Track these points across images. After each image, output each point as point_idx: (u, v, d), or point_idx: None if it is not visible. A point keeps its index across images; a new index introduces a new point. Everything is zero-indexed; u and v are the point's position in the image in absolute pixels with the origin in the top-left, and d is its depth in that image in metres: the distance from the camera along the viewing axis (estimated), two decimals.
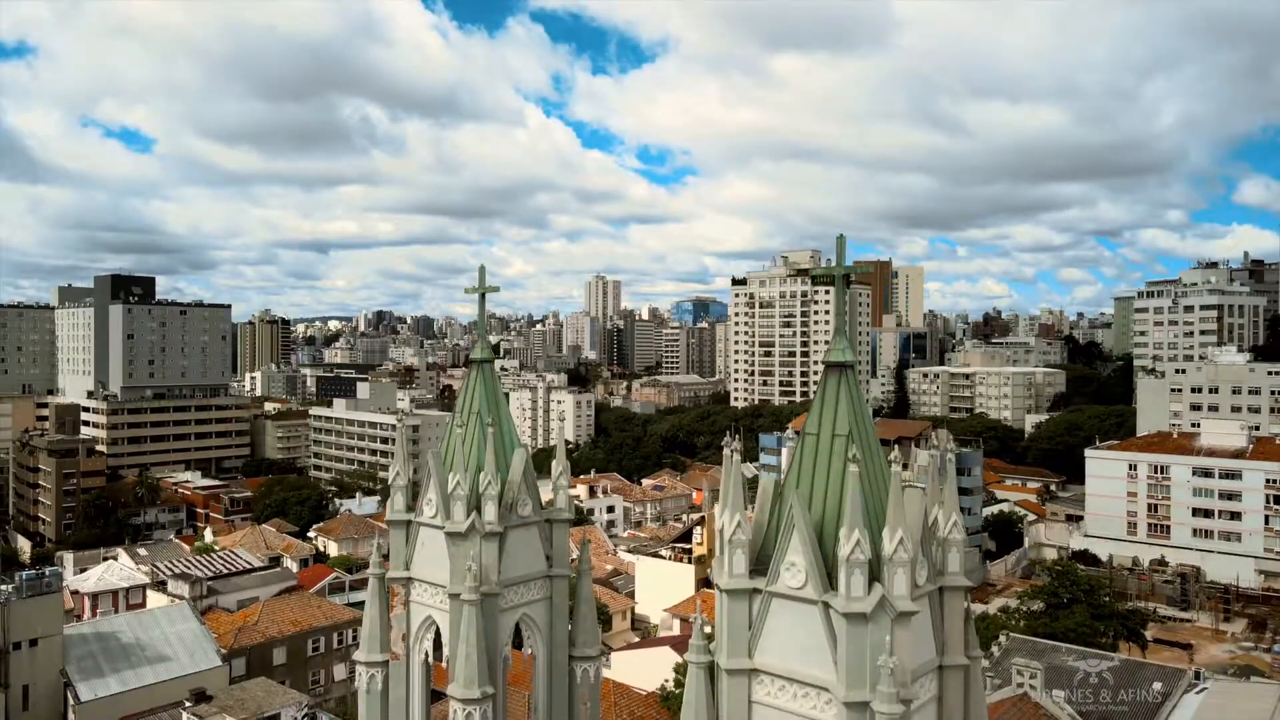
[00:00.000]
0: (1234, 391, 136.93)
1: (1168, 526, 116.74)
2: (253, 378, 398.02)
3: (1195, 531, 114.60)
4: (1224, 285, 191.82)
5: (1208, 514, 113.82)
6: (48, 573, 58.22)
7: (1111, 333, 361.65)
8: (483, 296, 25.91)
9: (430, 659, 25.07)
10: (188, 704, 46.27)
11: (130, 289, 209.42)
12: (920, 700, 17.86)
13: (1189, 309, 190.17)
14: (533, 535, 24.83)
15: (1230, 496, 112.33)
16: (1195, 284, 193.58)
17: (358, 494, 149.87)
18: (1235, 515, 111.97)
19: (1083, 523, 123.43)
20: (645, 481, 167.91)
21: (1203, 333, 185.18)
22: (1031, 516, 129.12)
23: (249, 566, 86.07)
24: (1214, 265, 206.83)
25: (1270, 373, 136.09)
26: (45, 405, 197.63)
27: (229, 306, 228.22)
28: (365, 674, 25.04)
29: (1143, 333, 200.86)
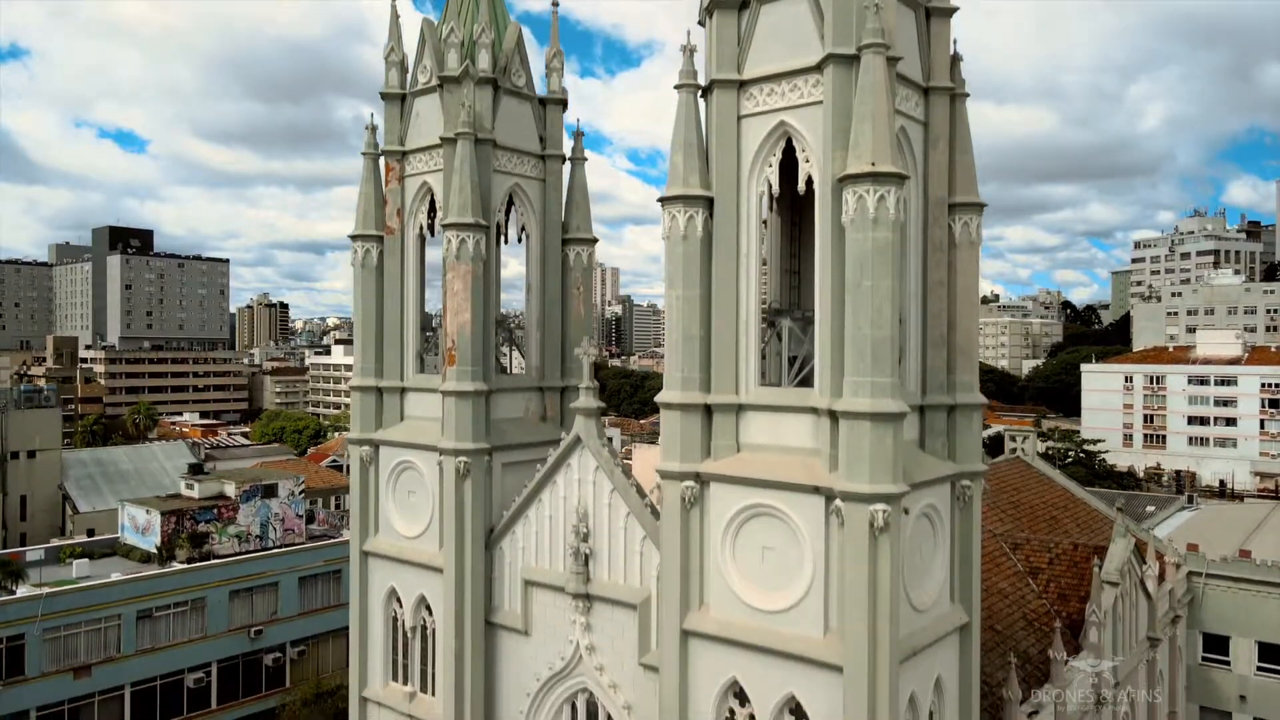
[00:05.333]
0: (1229, 312, 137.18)
1: (1164, 436, 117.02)
2: (251, 354, 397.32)
3: (1191, 440, 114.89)
4: (1220, 232, 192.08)
5: (1203, 421, 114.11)
6: (44, 388, 58.32)
7: (1110, 313, 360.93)
8: None
9: (425, 232, 25.32)
10: (184, 475, 46.37)
11: (128, 240, 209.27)
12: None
13: (1185, 255, 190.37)
14: (526, 110, 25.09)
15: (1226, 403, 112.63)
16: (1192, 231, 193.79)
17: None
18: (1230, 421, 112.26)
19: (1079, 436, 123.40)
20: (643, 421, 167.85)
21: (1199, 279, 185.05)
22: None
23: (247, 444, 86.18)
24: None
25: (1266, 292, 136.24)
26: (42, 360, 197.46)
27: (227, 261, 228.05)
28: (360, 249, 25.34)
29: (1139, 282, 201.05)
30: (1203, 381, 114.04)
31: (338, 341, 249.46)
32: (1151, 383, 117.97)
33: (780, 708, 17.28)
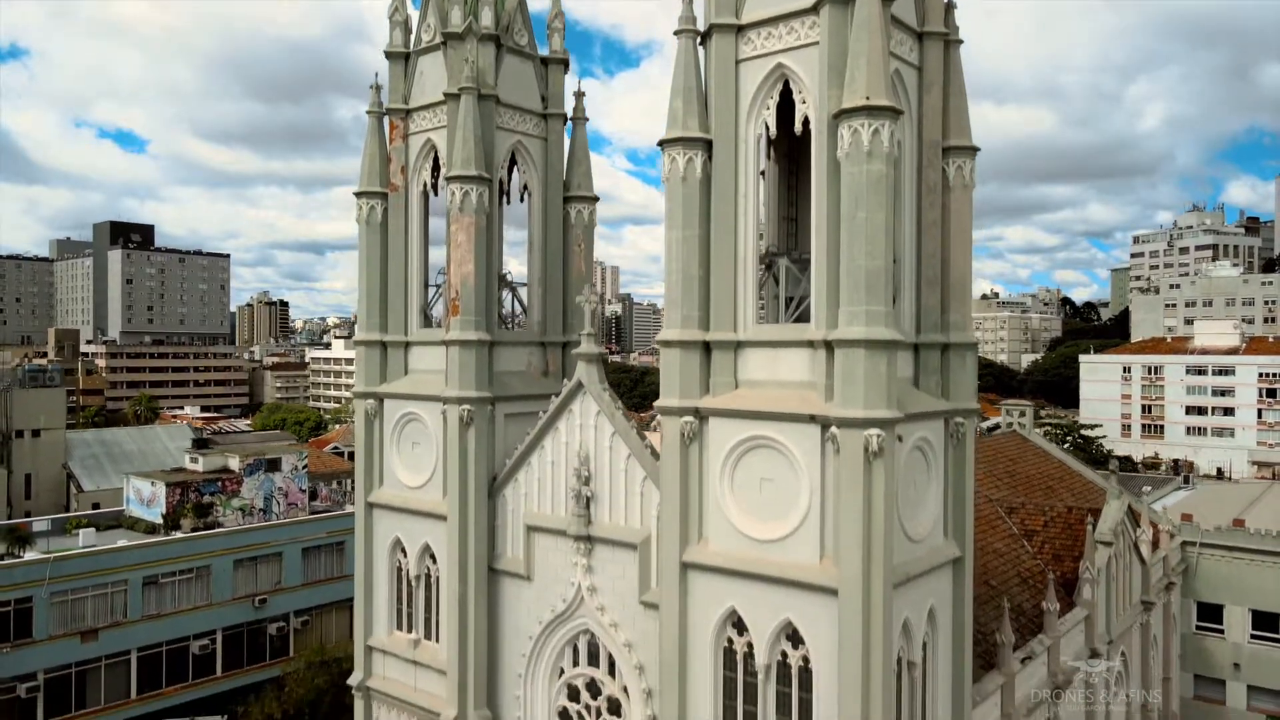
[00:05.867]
0: (1227, 304, 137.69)
1: (1162, 426, 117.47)
2: (251, 351, 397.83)
3: (1189, 430, 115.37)
4: (1219, 226, 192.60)
5: (1201, 411, 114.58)
6: (49, 368, 58.74)
7: (1109, 310, 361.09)
8: None
9: (429, 190, 25.73)
10: (189, 450, 46.76)
11: (129, 235, 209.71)
12: None
13: (1184, 250, 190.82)
14: (528, 69, 25.52)
15: (1223, 393, 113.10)
16: (1190, 226, 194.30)
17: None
18: (1228, 411, 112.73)
19: (1077, 423, 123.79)
20: (643, 414, 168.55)
21: (1198, 274, 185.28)
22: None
23: (249, 430, 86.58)
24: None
25: (1264, 283, 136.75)
26: (44, 354, 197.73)
27: (228, 256, 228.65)
28: (365, 206, 25.73)
29: (1138, 276, 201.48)
30: (1200, 372, 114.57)
31: (338, 337, 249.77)
32: (1149, 373, 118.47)
33: (777, 634, 17.70)
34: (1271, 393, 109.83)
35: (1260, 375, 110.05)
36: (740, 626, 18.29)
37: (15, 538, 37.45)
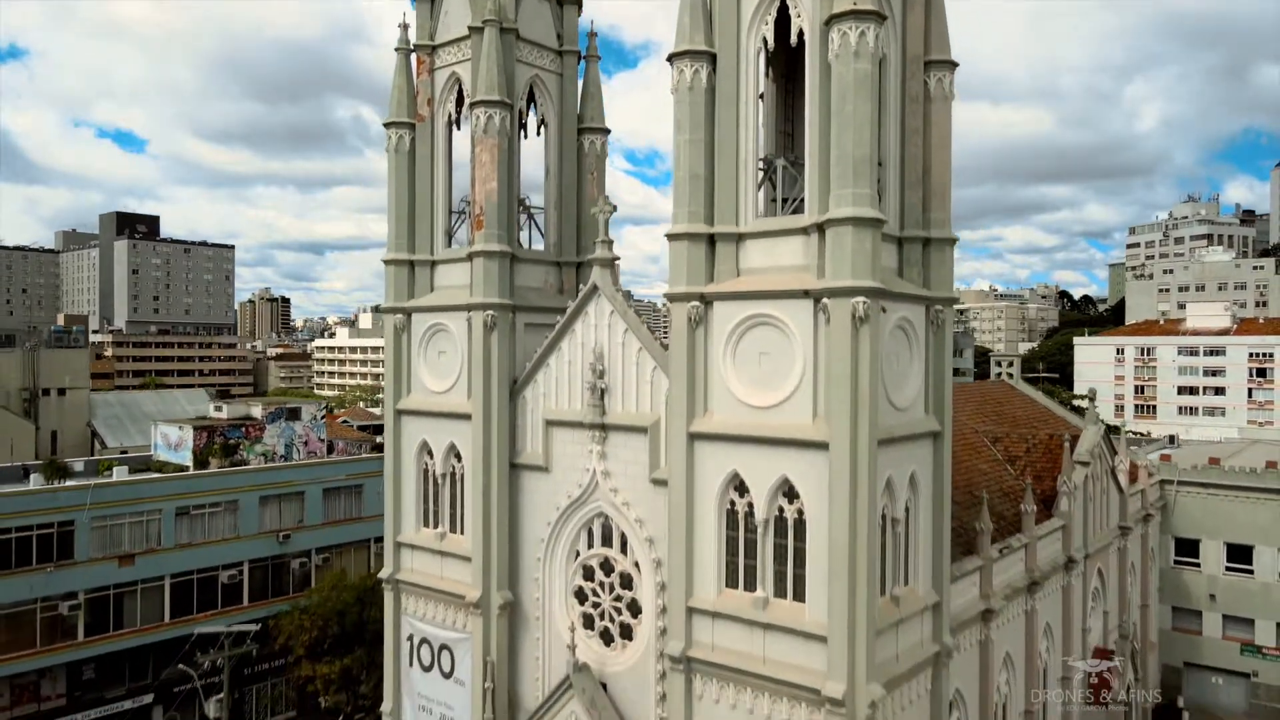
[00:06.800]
0: (1220, 288, 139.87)
1: (1154, 406, 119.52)
2: (255, 343, 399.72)
3: (1181, 409, 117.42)
4: (1214, 217, 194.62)
5: (1193, 391, 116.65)
6: (74, 329, 60.74)
7: (1106, 304, 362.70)
8: None
9: (453, 122, 27.79)
10: (212, 399, 48.79)
11: (135, 226, 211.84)
12: None
13: (1179, 240, 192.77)
14: (545, 9, 27.61)
15: (1214, 373, 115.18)
16: (1186, 216, 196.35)
17: (360, 404, 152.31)
18: (1219, 391, 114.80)
19: (1067, 394, 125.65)
20: None
21: (1192, 259, 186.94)
22: None
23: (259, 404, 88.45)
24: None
25: (1256, 268, 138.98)
26: None
27: (232, 247, 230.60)
28: (394, 135, 27.77)
29: (1133, 268, 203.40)
30: (1192, 352, 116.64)
31: (340, 324, 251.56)
32: (1142, 354, 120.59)
33: (775, 491, 19.76)
34: (1261, 372, 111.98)
35: (1250, 355, 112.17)
36: (741, 488, 20.35)
37: (56, 469, 39.56)
